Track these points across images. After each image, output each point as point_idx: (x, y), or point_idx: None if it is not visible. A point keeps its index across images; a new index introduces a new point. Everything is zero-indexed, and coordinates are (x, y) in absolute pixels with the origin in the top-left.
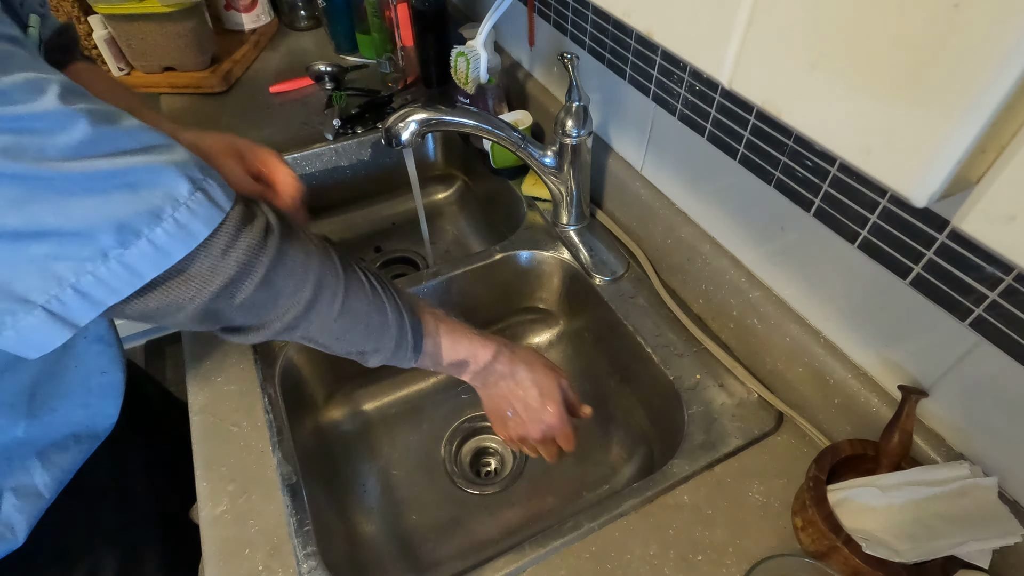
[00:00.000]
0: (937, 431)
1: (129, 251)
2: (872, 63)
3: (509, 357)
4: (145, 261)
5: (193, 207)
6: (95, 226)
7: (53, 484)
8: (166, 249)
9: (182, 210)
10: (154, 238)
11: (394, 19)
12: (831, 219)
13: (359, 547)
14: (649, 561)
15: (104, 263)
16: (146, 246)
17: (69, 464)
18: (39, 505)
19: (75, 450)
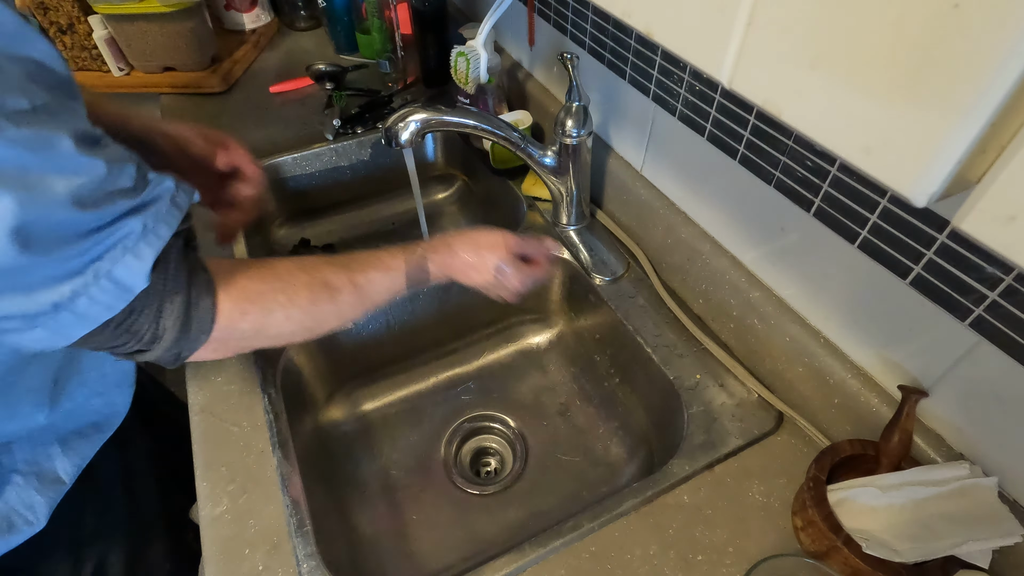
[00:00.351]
0: (937, 431)
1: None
2: (872, 63)
3: (438, 249)
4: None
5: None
6: None
7: (72, 470)
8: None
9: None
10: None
11: (394, 19)
12: (831, 219)
13: (359, 547)
14: (649, 561)
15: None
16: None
17: (87, 451)
18: (59, 490)
19: (93, 438)
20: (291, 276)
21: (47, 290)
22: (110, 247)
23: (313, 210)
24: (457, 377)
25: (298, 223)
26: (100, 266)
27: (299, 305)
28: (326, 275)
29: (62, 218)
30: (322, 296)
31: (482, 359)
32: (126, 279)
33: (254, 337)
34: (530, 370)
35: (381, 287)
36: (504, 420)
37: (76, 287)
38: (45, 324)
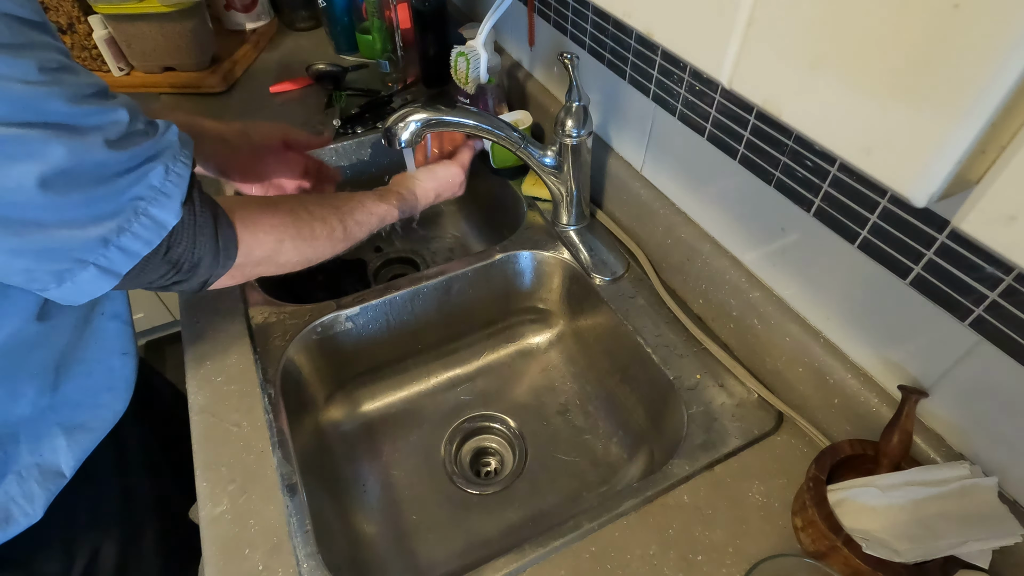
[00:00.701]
0: (937, 431)
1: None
2: (872, 63)
3: (404, 186)
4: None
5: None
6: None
7: (73, 464)
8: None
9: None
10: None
11: (394, 19)
12: (831, 219)
13: (359, 547)
14: (649, 561)
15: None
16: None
17: (89, 443)
18: (59, 484)
19: (95, 432)
20: (295, 212)
21: (96, 225)
22: (144, 188)
23: None
24: (457, 377)
25: None
26: (138, 204)
27: (303, 236)
28: (323, 213)
29: (100, 159)
30: (320, 231)
31: (482, 359)
32: (160, 216)
33: (266, 262)
34: (530, 370)
35: (364, 226)
36: (504, 420)
37: (121, 223)
38: (97, 260)
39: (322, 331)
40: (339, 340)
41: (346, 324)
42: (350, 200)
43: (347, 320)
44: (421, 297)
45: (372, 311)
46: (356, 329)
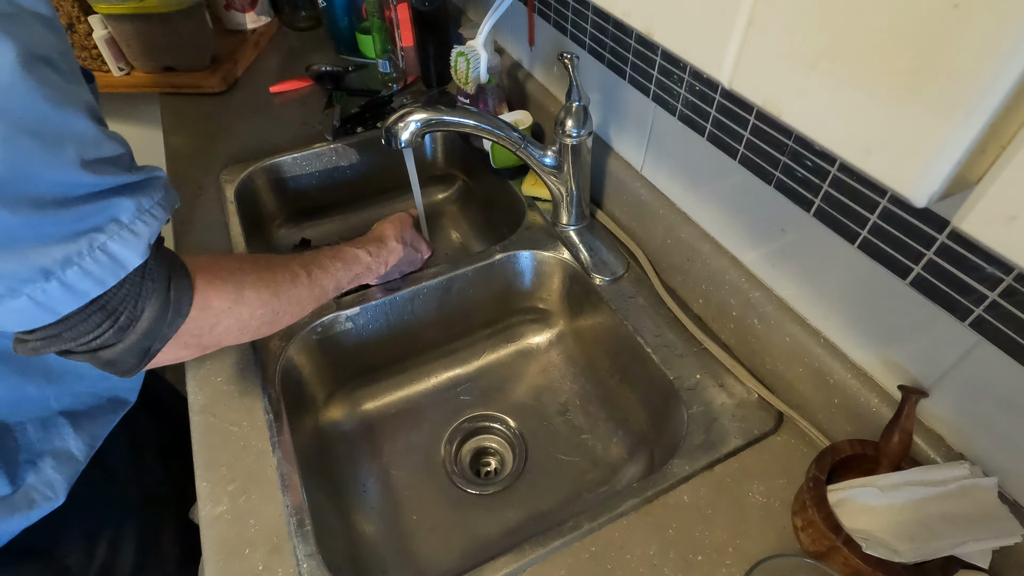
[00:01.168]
0: (937, 431)
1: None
2: (872, 63)
3: (372, 250)
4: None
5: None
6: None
7: (85, 449)
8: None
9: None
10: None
11: (394, 19)
12: (831, 219)
13: (359, 547)
14: (649, 561)
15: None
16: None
17: (98, 431)
18: (75, 468)
19: (102, 419)
20: (256, 261)
21: (38, 251)
22: (108, 219)
23: (313, 210)
24: (457, 377)
25: (298, 223)
26: (96, 237)
27: (266, 282)
28: (283, 260)
29: (62, 176)
30: (284, 278)
31: (482, 359)
32: (121, 253)
33: (226, 316)
34: (530, 370)
35: (329, 271)
36: (504, 420)
37: (69, 253)
38: (32, 293)
39: (322, 331)
40: (339, 340)
41: (346, 324)
42: (314, 252)
43: (347, 320)
44: (421, 297)
45: (372, 311)
46: (356, 329)
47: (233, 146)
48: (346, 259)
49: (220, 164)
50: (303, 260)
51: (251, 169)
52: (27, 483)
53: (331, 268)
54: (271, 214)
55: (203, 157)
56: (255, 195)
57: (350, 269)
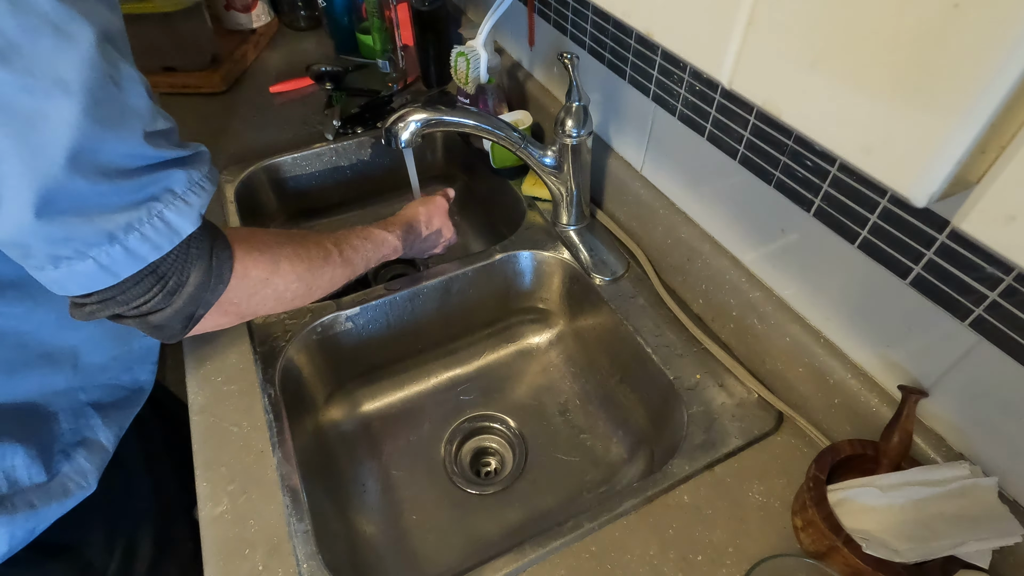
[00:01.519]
0: (937, 431)
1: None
2: (872, 63)
3: (406, 230)
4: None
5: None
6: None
7: (113, 439)
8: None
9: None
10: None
11: (394, 19)
12: (831, 219)
13: (359, 547)
14: (649, 561)
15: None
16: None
17: (123, 420)
18: (104, 457)
19: (126, 409)
20: (291, 236)
21: (105, 217)
22: (163, 190)
23: (313, 210)
24: (457, 377)
25: (298, 223)
26: (154, 205)
27: (300, 256)
28: (316, 237)
29: (128, 148)
30: (316, 252)
31: (482, 359)
32: (176, 221)
33: (263, 287)
34: (530, 370)
35: (359, 251)
36: (504, 420)
37: (131, 220)
38: (98, 256)
39: (322, 331)
40: (339, 340)
41: (346, 324)
42: (343, 230)
43: (347, 320)
44: (421, 297)
45: (372, 311)
46: (356, 329)
47: (233, 146)
48: (376, 240)
49: (220, 164)
50: (336, 239)
51: (251, 169)
52: (62, 472)
53: (361, 248)
54: (271, 214)
55: None
56: (255, 195)
57: (379, 250)
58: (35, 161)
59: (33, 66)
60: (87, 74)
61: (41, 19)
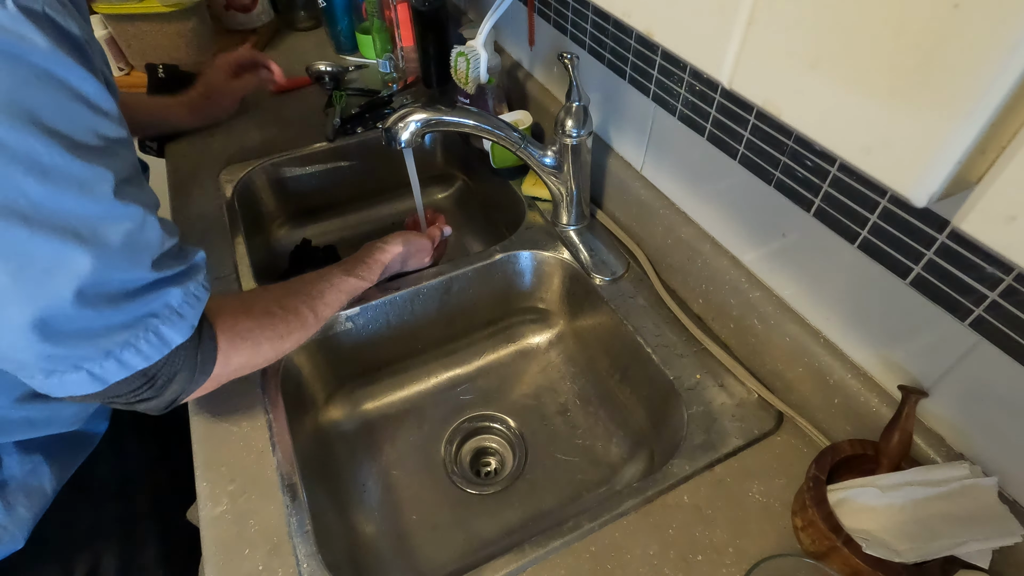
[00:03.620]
0: (937, 431)
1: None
2: (872, 63)
3: (370, 267)
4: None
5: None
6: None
7: (55, 484)
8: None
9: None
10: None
11: (394, 19)
12: (831, 219)
13: (359, 547)
14: (649, 561)
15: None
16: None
17: (71, 463)
18: (43, 505)
19: (76, 452)
20: (269, 311)
21: (106, 337)
22: (162, 305)
23: (313, 210)
24: (457, 377)
25: (298, 223)
26: (151, 321)
27: (279, 335)
28: (295, 304)
29: (136, 275)
30: (295, 324)
31: (482, 359)
32: (169, 335)
33: (243, 368)
34: (530, 370)
35: (332, 306)
36: (504, 420)
37: (128, 337)
38: (91, 368)
39: (322, 331)
40: (339, 340)
41: (346, 324)
42: (319, 282)
43: (347, 320)
44: (421, 297)
45: (372, 311)
46: (356, 329)
47: (233, 146)
48: (345, 289)
49: (220, 164)
50: (312, 299)
51: (251, 169)
52: None
53: (334, 303)
54: (271, 214)
55: (203, 157)
56: (255, 195)
57: (349, 295)
58: (44, 300)
59: (54, 222)
60: (104, 224)
61: (67, 180)
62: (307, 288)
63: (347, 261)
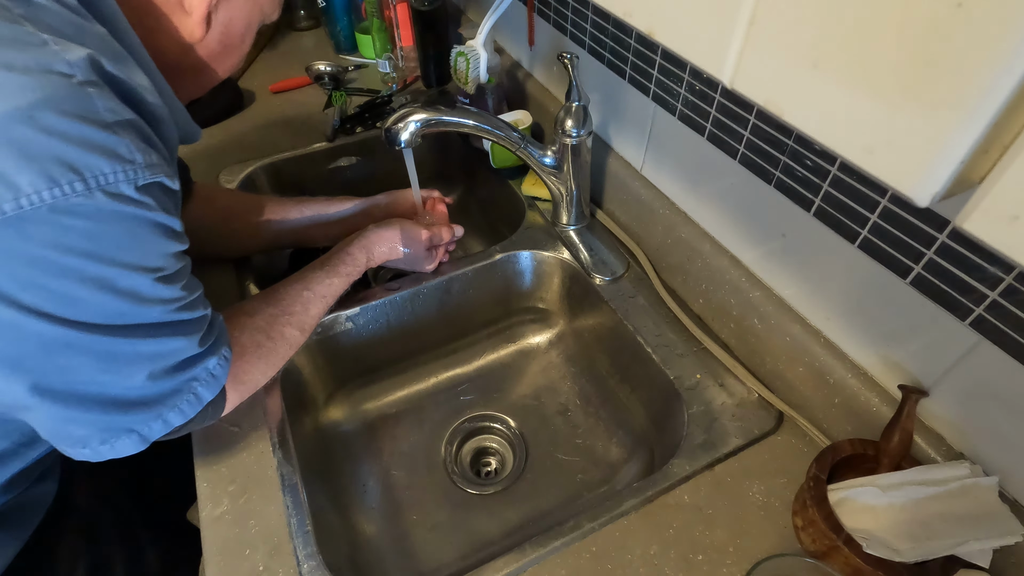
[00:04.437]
0: (937, 431)
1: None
2: (875, 62)
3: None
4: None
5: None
6: None
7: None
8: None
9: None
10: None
11: (394, 19)
12: (831, 219)
13: (359, 547)
14: (649, 561)
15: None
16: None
17: (24, 536)
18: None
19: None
20: (261, 346)
21: (161, 404)
22: (202, 371)
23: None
24: (457, 377)
25: None
26: (193, 385)
27: (273, 365)
28: (284, 329)
29: (184, 350)
30: (283, 349)
31: (482, 359)
32: (204, 395)
33: (239, 402)
34: (530, 370)
35: (318, 316)
36: (504, 420)
37: (176, 401)
38: (141, 430)
39: (322, 331)
40: (339, 340)
41: (346, 324)
42: (302, 292)
43: (347, 320)
44: (421, 297)
45: (372, 311)
46: (356, 329)
47: (233, 146)
48: (330, 294)
49: (220, 164)
50: (296, 318)
51: (251, 169)
52: None
53: (320, 312)
54: None
55: (203, 157)
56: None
57: (335, 298)
58: (124, 383)
59: (142, 328)
60: (174, 320)
61: (152, 301)
62: (291, 306)
63: (330, 257)
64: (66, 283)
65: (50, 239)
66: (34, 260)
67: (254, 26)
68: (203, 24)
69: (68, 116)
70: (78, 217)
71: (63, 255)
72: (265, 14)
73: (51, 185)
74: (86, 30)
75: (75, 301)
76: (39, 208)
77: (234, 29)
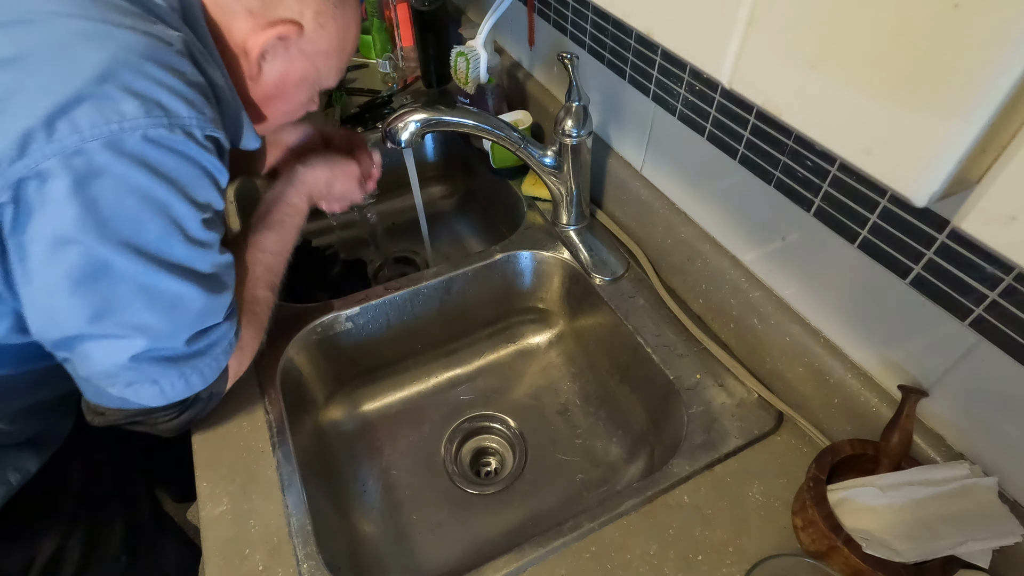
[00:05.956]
0: (937, 431)
1: None
2: (873, 63)
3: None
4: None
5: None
6: None
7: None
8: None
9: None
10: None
11: (394, 19)
12: (831, 219)
13: (359, 547)
14: (649, 561)
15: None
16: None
17: (30, 466)
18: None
19: (36, 453)
20: (254, 311)
21: (187, 363)
22: (223, 336)
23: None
24: (457, 377)
25: None
26: (214, 350)
27: (261, 326)
28: (264, 295)
29: (219, 313)
30: (265, 308)
31: (482, 359)
32: (224, 362)
33: (240, 370)
34: (530, 370)
35: (281, 272)
36: (504, 420)
37: (199, 363)
38: (163, 385)
39: (322, 331)
40: (339, 340)
41: (346, 324)
42: (263, 257)
43: (347, 320)
44: (421, 297)
45: (372, 311)
46: (356, 329)
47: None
48: (290, 248)
49: None
50: (272, 277)
51: None
52: None
53: (284, 265)
54: None
55: None
56: (254, 195)
57: (292, 248)
58: (167, 331)
59: (187, 270)
60: (215, 271)
61: (199, 242)
62: (265, 269)
63: (270, 212)
64: (135, 203)
65: (138, 157)
66: (120, 178)
67: (308, 83)
68: (258, 66)
69: (164, 68)
70: (159, 147)
71: (142, 175)
72: (321, 74)
73: (147, 114)
74: (183, 28)
75: (140, 221)
76: (134, 133)
77: (288, 79)
